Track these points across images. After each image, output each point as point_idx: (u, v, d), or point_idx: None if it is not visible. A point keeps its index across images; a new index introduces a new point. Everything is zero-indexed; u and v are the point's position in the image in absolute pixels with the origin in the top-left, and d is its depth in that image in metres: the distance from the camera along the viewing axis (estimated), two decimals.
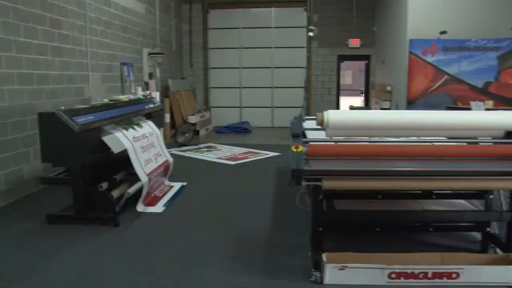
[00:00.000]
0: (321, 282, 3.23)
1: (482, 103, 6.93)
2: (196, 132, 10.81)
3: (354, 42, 12.90)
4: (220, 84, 13.47)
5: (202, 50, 13.25)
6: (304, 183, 3.09)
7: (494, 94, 8.24)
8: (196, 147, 9.35)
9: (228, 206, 5.24)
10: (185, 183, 6.11)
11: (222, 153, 8.66)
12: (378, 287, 3.19)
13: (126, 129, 5.11)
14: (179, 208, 5.11)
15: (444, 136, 3.83)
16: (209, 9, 13.15)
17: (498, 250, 3.71)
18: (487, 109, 6.82)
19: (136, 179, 4.91)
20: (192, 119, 10.87)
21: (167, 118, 10.32)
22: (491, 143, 3.64)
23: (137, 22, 9.29)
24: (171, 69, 11.88)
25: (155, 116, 6.21)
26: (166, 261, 3.64)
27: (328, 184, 3.15)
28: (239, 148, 9.26)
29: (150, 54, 9.85)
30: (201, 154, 8.55)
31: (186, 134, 9.64)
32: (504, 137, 3.65)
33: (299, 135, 3.33)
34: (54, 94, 6.19)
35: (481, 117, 3.61)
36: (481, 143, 3.67)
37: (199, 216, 4.85)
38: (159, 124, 6.41)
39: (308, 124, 3.68)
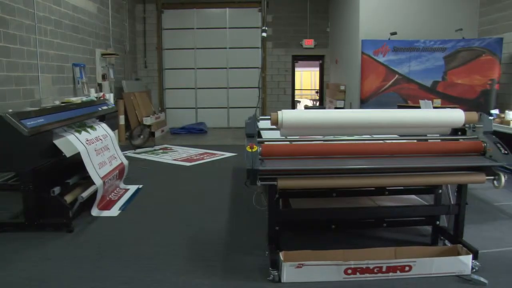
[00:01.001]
0: (279, 281, 3.26)
1: (430, 101, 7.16)
2: (152, 134, 10.65)
3: (308, 43, 13.09)
4: (175, 85, 13.34)
5: (156, 51, 13.09)
6: (259, 183, 3.11)
7: (441, 93, 8.54)
8: (151, 149, 9.22)
9: (185, 207, 5.20)
10: (141, 186, 6.02)
11: (178, 155, 8.59)
12: (335, 283, 3.25)
13: (79, 132, 4.98)
14: (135, 211, 5.03)
15: (396, 134, 3.93)
16: (163, 9, 13.00)
17: (447, 242, 3.87)
18: (435, 107, 7.07)
19: (90, 182, 4.80)
20: (147, 120, 10.71)
21: (122, 120, 10.14)
22: (439, 140, 3.77)
23: (89, 21, 9.06)
24: (125, 70, 11.66)
25: (109, 118, 6.08)
26: (122, 266, 3.58)
27: (283, 183, 3.18)
28: (195, 149, 9.21)
29: (103, 54, 9.63)
30: (157, 156, 8.45)
31: (141, 136, 9.49)
32: (451, 134, 3.80)
33: (254, 135, 3.33)
34: (1, 96, 5.96)
35: (430, 115, 3.73)
36: (430, 140, 3.79)
37: (156, 219, 4.80)
38: (113, 126, 6.28)
39: (263, 124, 3.69)
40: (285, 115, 3.31)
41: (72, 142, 4.65)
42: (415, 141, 3.80)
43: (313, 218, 3.88)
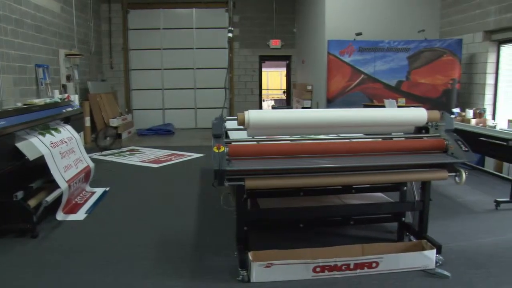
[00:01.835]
0: (248, 281, 3.27)
1: (395, 100, 7.31)
2: (118, 136, 10.50)
3: (275, 43, 13.16)
4: (142, 86, 13.18)
5: (122, 51, 12.90)
6: (227, 183, 3.10)
7: (406, 92, 8.72)
8: (118, 150, 9.09)
9: (153, 209, 5.16)
10: (107, 189, 5.93)
11: (146, 156, 8.50)
12: (304, 282, 3.28)
13: (43, 134, 4.86)
14: (102, 215, 4.95)
15: (361, 133, 3.99)
16: (129, 9, 12.82)
17: (412, 238, 3.95)
18: (399, 106, 7.22)
19: (55, 186, 4.70)
20: (114, 122, 10.55)
21: (87, 121, 9.95)
22: (403, 138, 3.85)
23: (51, 21, 8.85)
24: (90, 71, 11.45)
25: (74, 120, 5.96)
26: (89, 271, 3.51)
27: (250, 183, 3.18)
28: (163, 150, 9.14)
29: (67, 55, 9.43)
30: (124, 158, 8.33)
31: (108, 138, 9.34)
32: (414, 132, 3.88)
33: (221, 135, 3.33)
34: None
35: (394, 114, 3.80)
36: (395, 139, 3.87)
37: (123, 221, 4.73)
38: (79, 128, 6.16)
39: (231, 124, 3.69)
40: (252, 115, 3.32)
41: (36, 145, 4.54)
42: (380, 139, 3.86)
43: (281, 218, 3.90)
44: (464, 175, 3.43)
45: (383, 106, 7.04)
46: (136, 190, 6.07)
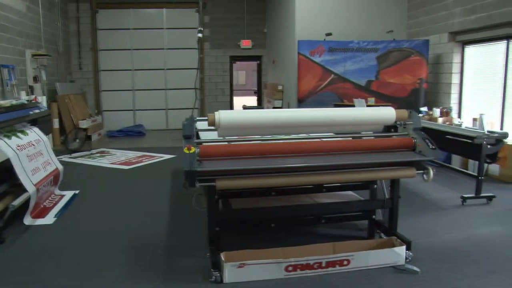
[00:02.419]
0: (221, 282, 3.27)
1: (364, 100, 7.41)
2: (88, 137, 10.34)
3: (246, 43, 13.17)
4: (112, 87, 13.00)
5: (91, 52, 12.69)
6: (198, 184, 3.09)
7: (375, 92, 8.86)
8: (88, 153, 8.94)
9: (124, 212, 5.09)
10: (77, 191, 5.82)
11: (116, 158, 8.39)
12: (276, 281, 3.29)
13: (9, 137, 4.75)
14: (71, 218, 4.86)
15: (332, 132, 4.03)
16: (98, 9, 12.62)
17: (382, 235, 4.02)
18: (369, 106, 7.33)
19: (22, 190, 4.58)
20: (83, 123, 10.37)
21: (56, 123, 9.75)
22: (372, 137, 3.90)
23: (17, 20, 8.63)
24: (58, 72, 11.21)
25: (41, 122, 5.84)
26: (59, 276, 3.44)
27: (221, 184, 3.18)
28: (134, 152, 9.04)
29: (34, 55, 9.22)
30: (94, 160, 8.20)
31: (77, 140, 9.19)
32: (383, 131, 3.95)
33: (191, 136, 3.31)
34: None
35: (363, 114, 3.86)
36: (364, 137, 3.92)
37: (94, 225, 4.65)
38: (47, 130, 6.04)
39: (202, 125, 3.68)
40: (222, 115, 3.31)
41: (1, 148, 4.43)
42: (350, 138, 3.91)
43: (253, 218, 3.91)
44: (431, 172, 3.51)
45: (353, 106, 7.12)
46: (107, 193, 5.98)
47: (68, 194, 5.71)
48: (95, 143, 10.34)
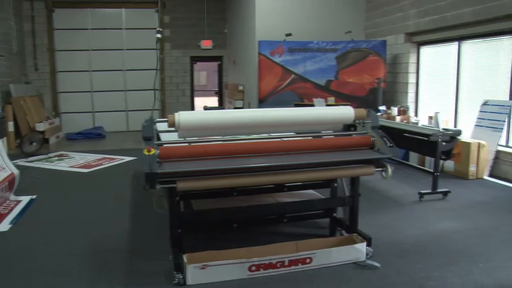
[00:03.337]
0: (184, 284, 3.24)
1: (323, 99, 7.52)
2: (45, 141, 10.06)
3: (207, 44, 13.14)
4: (70, 88, 12.70)
5: (48, 52, 12.33)
6: (158, 186, 3.05)
7: (335, 91, 9.00)
8: (45, 156, 8.69)
9: (84, 216, 4.98)
10: (34, 197, 5.65)
11: (75, 161, 8.19)
12: (240, 281, 3.29)
13: None
14: (28, 224, 4.70)
15: (292, 132, 4.06)
16: (54, 8, 12.29)
17: (344, 232, 4.07)
18: (329, 105, 7.43)
19: None
20: (40, 126, 10.09)
21: (11, 126, 9.43)
22: (332, 136, 3.95)
23: None
24: (12, 73, 10.83)
25: None
26: (16, 284, 3.32)
27: (182, 185, 3.15)
28: (93, 154, 8.86)
29: None
30: (52, 164, 7.98)
31: (34, 143, 8.93)
32: (343, 130, 4.01)
33: (151, 138, 3.26)
34: None
35: (323, 113, 3.90)
36: (324, 136, 3.97)
37: (52, 231, 4.51)
38: (1, 133, 5.84)
39: (162, 126, 3.63)
40: (182, 116, 3.28)
41: None
42: (311, 138, 3.94)
43: (215, 218, 3.89)
44: (390, 170, 3.58)
45: (313, 105, 7.20)
46: (66, 197, 5.83)
47: (25, 199, 5.53)
48: (53, 146, 10.07)
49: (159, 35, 5.94)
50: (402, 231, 4.38)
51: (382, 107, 8.22)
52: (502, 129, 6.65)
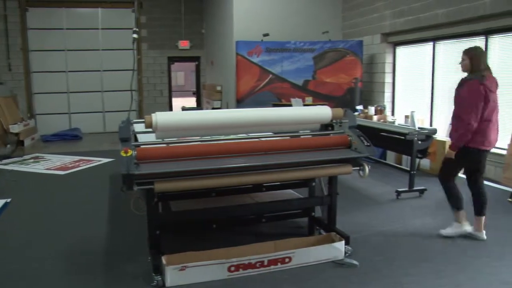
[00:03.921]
0: (163, 286, 3.22)
1: (301, 99, 7.55)
2: (20, 143, 9.88)
3: (184, 44, 13.08)
4: (45, 89, 12.46)
5: (22, 52, 12.08)
6: (136, 187, 3.03)
7: (312, 91, 9.05)
8: (20, 158, 8.53)
9: (61, 218, 4.91)
10: (9, 200, 5.54)
11: (51, 163, 8.06)
12: (219, 282, 3.29)
13: None
14: (3, 228, 4.62)
15: (270, 132, 4.07)
16: (28, 7, 12.04)
17: (322, 231, 4.10)
18: (306, 105, 7.47)
19: None
20: (15, 128, 9.91)
21: None
22: (310, 136, 3.98)
23: None
24: None
25: None
26: None
27: (160, 186, 3.13)
28: (70, 156, 8.73)
29: None
30: (27, 166, 7.84)
31: (8, 145, 8.76)
32: (320, 130, 4.03)
33: (128, 139, 3.23)
34: None
35: (300, 113, 3.92)
36: (302, 136, 3.99)
37: (28, 234, 4.44)
38: None
39: (139, 127, 3.60)
40: (159, 117, 3.26)
41: None
42: (289, 137, 3.96)
43: (193, 219, 3.88)
44: (367, 168, 3.62)
45: (291, 105, 7.23)
46: (42, 200, 5.74)
47: None
48: (28, 148, 9.89)
49: (135, 35, 5.86)
50: (380, 229, 4.44)
51: (359, 107, 8.30)
52: None
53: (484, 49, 4.33)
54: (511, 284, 3.24)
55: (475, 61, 3.99)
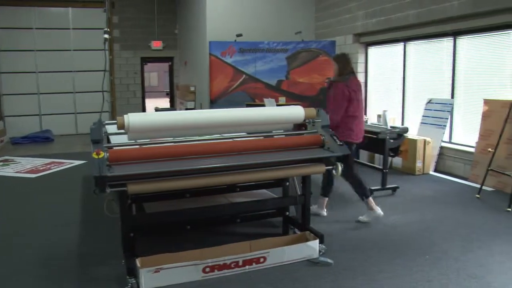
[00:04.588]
0: None
1: (273, 99, 7.58)
2: None
3: (157, 44, 12.98)
4: (14, 90, 12.16)
5: None
6: (108, 189, 2.99)
7: (285, 91, 9.10)
8: None
9: (31, 223, 4.81)
10: None
11: (21, 166, 7.90)
12: (194, 283, 3.28)
13: None
14: None
15: (244, 132, 4.07)
16: None
17: (296, 231, 4.13)
18: (280, 105, 7.50)
19: None
20: None
21: None
22: (283, 136, 4.00)
23: None
24: None
25: None
26: None
27: (133, 188, 3.10)
28: (41, 159, 8.56)
29: None
30: None
31: None
32: (294, 129, 4.06)
33: (100, 140, 3.19)
34: None
35: (273, 113, 3.94)
36: (275, 136, 4.01)
37: None
38: None
39: (112, 128, 3.56)
40: (131, 118, 3.22)
41: None
42: (262, 137, 3.97)
43: (167, 221, 3.85)
44: (340, 167, 3.66)
45: (264, 105, 7.25)
46: (11, 204, 5.62)
47: None
48: None
49: (106, 36, 5.78)
50: (354, 227, 4.49)
51: None
52: (445, 126, 6.94)
53: (347, 56, 5.06)
54: (479, 278, 3.32)
55: (341, 66, 4.73)
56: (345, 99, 4.51)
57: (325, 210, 4.88)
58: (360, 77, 9.04)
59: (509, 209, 4.93)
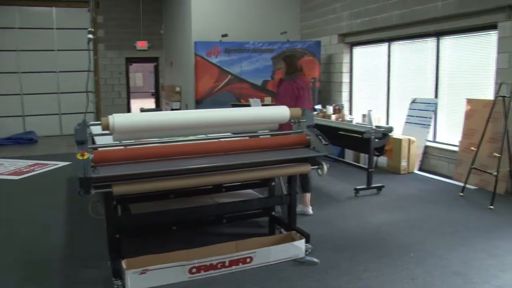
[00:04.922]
0: None
1: (259, 99, 7.59)
2: None
3: (142, 45, 12.92)
4: None
5: None
6: (93, 191, 2.97)
7: (271, 91, 9.10)
8: None
9: (14, 225, 4.76)
10: None
11: (4, 168, 7.80)
12: (181, 284, 3.27)
13: None
14: None
15: (230, 132, 4.07)
16: None
17: (282, 230, 4.14)
18: (265, 105, 7.52)
19: None
20: None
21: None
22: (269, 136, 4.01)
23: None
24: None
25: None
26: None
27: (118, 189, 3.08)
28: (24, 160, 8.46)
29: None
30: None
31: None
32: (279, 129, 4.07)
33: (85, 141, 3.17)
34: None
35: (259, 113, 3.95)
36: (261, 136, 4.01)
37: None
38: None
39: (97, 129, 3.54)
40: (116, 119, 3.20)
41: None
42: (248, 138, 3.98)
43: (153, 222, 3.83)
44: (325, 167, 3.67)
45: (250, 106, 7.25)
46: None
47: None
48: None
49: (90, 36, 5.75)
50: (340, 226, 4.52)
51: (318, 106, 8.41)
52: (430, 125, 7.01)
53: (294, 56, 5.20)
54: (463, 275, 3.37)
55: (289, 66, 4.91)
56: (293, 94, 4.70)
57: (311, 207, 4.89)
58: (345, 77, 9.11)
59: (492, 207, 5.00)
